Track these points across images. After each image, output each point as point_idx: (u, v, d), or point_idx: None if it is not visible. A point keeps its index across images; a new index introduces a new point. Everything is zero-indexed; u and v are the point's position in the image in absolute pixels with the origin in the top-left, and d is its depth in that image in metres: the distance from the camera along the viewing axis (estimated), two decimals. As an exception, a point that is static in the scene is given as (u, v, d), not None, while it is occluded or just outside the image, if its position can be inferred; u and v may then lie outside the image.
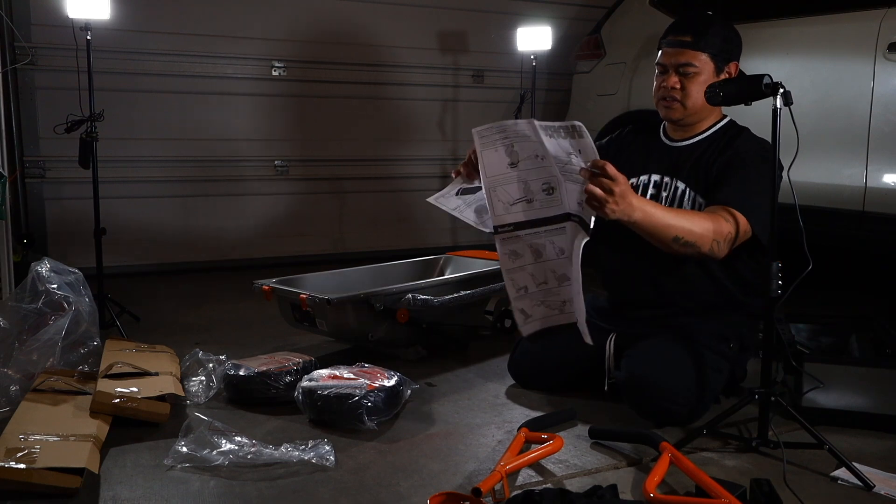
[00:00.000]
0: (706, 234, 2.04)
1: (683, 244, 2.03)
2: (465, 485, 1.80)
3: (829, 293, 3.87)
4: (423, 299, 2.67)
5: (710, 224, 2.05)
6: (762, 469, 1.91)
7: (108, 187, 3.68)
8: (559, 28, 4.97)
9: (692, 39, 2.25)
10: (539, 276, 2.05)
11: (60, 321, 2.46)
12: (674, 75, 2.28)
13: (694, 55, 2.25)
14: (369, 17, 4.81)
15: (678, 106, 2.29)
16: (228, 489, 1.79)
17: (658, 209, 2.01)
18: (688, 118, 2.32)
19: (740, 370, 2.37)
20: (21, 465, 1.72)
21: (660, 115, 2.38)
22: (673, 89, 2.28)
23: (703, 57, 2.25)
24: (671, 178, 2.33)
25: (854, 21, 3.16)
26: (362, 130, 4.90)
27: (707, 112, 2.32)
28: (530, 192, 2.00)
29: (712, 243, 2.06)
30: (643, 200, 1.98)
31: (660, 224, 1.99)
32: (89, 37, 3.11)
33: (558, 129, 1.87)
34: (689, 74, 2.26)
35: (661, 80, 2.32)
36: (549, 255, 2.02)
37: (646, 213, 1.95)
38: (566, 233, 1.99)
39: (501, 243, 2.07)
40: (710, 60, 2.25)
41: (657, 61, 2.33)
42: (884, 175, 3.03)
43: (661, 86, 2.31)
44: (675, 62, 2.27)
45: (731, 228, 2.08)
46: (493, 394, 2.48)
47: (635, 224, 1.96)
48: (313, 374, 2.27)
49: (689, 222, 2.03)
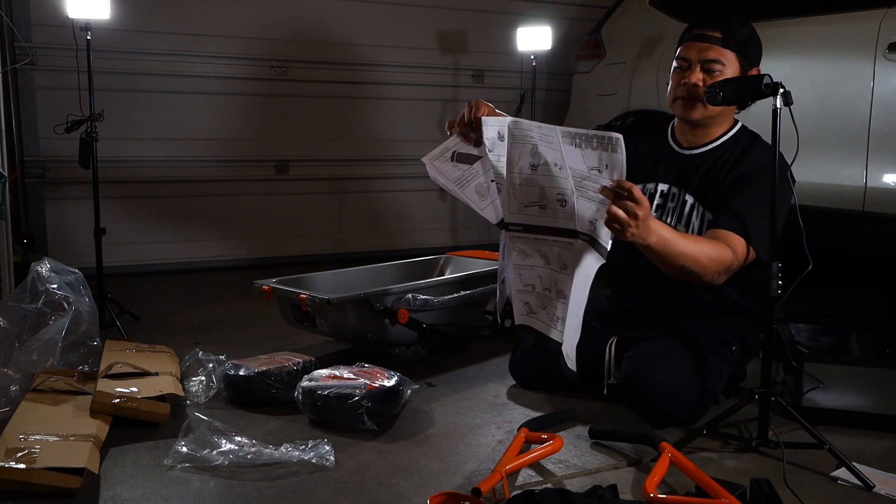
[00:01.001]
0: (710, 265, 1.99)
1: (687, 272, 1.98)
2: (465, 485, 1.80)
3: (829, 293, 3.87)
4: (423, 299, 2.67)
5: (715, 254, 2.00)
6: (762, 469, 1.91)
7: (108, 187, 3.67)
8: (559, 28, 4.96)
9: (722, 35, 2.12)
10: (546, 280, 1.99)
11: (60, 321, 2.46)
12: (699, 71, 2.14)
13: (722, 52, 2.11)
14: (369, 17, 4.81)
15: (699, 105, 2.16)
16: (228, 489, 1.79)
17: (672, 235, 1.93)
18: (706, 120, 2.21)
19: (740, 371, 2.37)
20: (21, 465, 1.72)
21: (676, 115, 2.26)
22: (696, 86, 2.14)
23: (730, 55, 2.12)
24: (679, 189, 2.25)
25: (854, 21, 3.15)
26: (362, 130, 4.90)
27: (724, 116, 2.22)
28: (545, 198, 1.93)
29: (714, 274, 2.02)
30: (660, 225, 1.91)
31: (672, 251, 1.92)
32: (89, 37, 3.11)
33: (591, 139, 1.75)
34: (714, 72, 2.12)
35: (682, 77, 2.17)
36: (555, 266, 1.96)
37: (661, 239, 1.88)
38: (573, 249, 1.91)
39: (510, 240, 2.04)
40: (737, 60, 2.13)
41: (679, 55, 2.19)
42: (884, 175, 3.03)
43: (682, 82, 2.17)
44: (702, 57, 2.13)
45: (733, 259, 2.03)
46: (493, 394, 2.48)
47: (649, 248, 1.89)
48: (313, 374, 2.27)
49: (698, 251, 1.97)
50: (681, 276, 2.01)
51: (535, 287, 2.03)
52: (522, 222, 2.00)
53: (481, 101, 2.06)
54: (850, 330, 2.60)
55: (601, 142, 1.73)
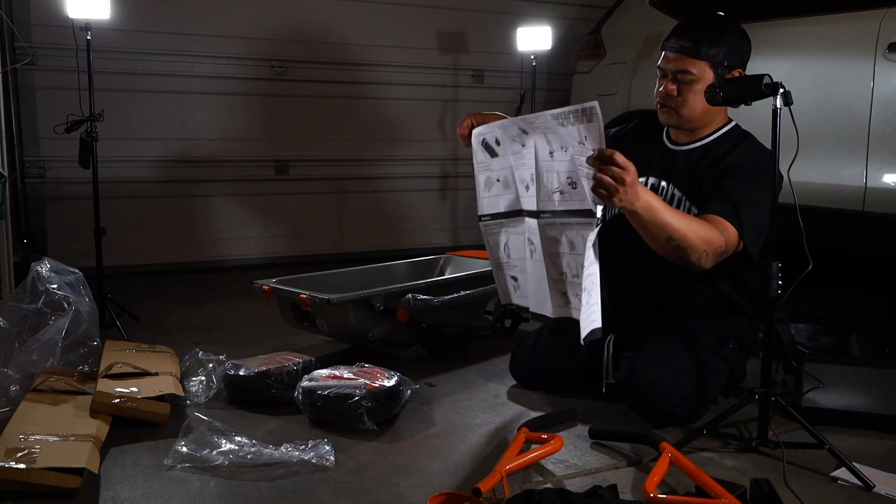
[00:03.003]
0: (698, 242, 2.02)
1: (675, 246, 2.01)
2: (465, 485, 1.80)
3: (829, 293, 3.87)
4: (423, 299, 2.67)
5: (704, 233, 2.04)
6: (762, 469, 1.91)
7: (108, 187, 3.67)
8: (559, 28, 4.97)
9: (692, 46, 2.18)
10: (574, 266, 2.04)
11: (60, 321, 2.46)
12: (671, 82, 2.24)
13: (692, 62, 2.19)
14: (369, 17, 4.81)
15: (673, 113, 2.27)
16: (228, 489, 1.79)
17: (660, 203, 1.99)
18: (686, 124, 2.29)
19: (739, 371, 2.37)
20: (21, 465, 1.72)
21: (660, 121, 2.35)
22: (668, 96, 2.25)
23: (701, 65, 2.18)
24: (668, 183, 2.32)
25: (854, 21, 3.16)
26: (362, 130, 4.90)
27: (710, 118, 2.28)
28: (562, 183, 2.01)
29: (702, 253, 2.04)
30: (648, 192, 1.97)
31: (659, 220, 1.97)
32: (89, 37, 3.11)
33: (567, 115, 1.85)
34: (686, 82, 2.21)
35: (660, 85, 2.28)
36: (579, 249, 2.01)
37: (648, 205, 1.94)
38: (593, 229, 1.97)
39: (542, 228, 2.12)
40: (710, 69, 2.18)
41: (658, 64, 2.29)
42: (884, 175, 3.03)
43: (659, 91, 2.28)
44: (674, 68, 2.22)
45: (721, 242, 2.06)
46: (493, 394, 2.48)
47: (636, 214, 1.94)
48: (313, 374, 2.27)
49: (686, 226, 2.02)
50: (670, 253, 2.04)
51: (567, 275, 2.08)
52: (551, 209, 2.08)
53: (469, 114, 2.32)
54: (850, 330, 2.60)
55: (577, 115, 1.86)
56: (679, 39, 2.23)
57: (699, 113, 2.24)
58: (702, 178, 2.25)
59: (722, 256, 2.10)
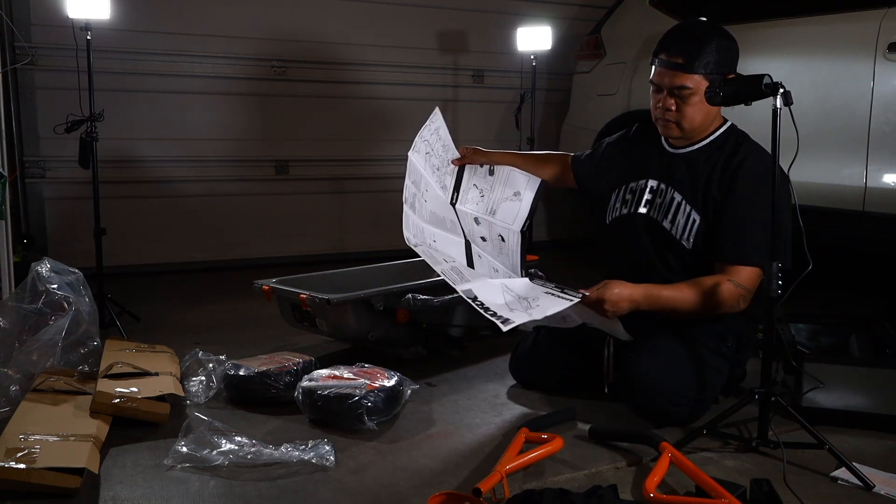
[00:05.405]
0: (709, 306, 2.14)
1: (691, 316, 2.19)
2: (465, 485, 1.80)
3: (829, 293, 3.87)
4: (423, 299, 2.66)
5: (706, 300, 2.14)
6: (762, 469, 1.91)
7: (108, 187, 3.67)
8: (559, 28, 4.97)
9: (684, 61, 2.18)
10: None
11: (60, 321, 2.46)
12: (669, 97, 2.24)
13: (687, 77, 2.18)
14: (369, 18, 4.80)
15: (674, 126, 2.27)
16: (228, 489, 1.79)
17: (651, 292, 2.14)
18: (687, 135, 2.29)
19: (739, 369, 2.37)
20: (21, 465, 1.72)
21: (659, 131, 2.34)
22: (668, 111, 2.25)
23: (696, 77, 2.18)
24: (667, 185, 2.32)
25: (854, 21, 3.16)
26: (362, 130, 4.89)
27: (708, 122, 2.28)
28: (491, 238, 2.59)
29: (727, 308, 2.16)
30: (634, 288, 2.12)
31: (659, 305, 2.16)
32: (89, 37, 3.11)
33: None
34: (683, 97, 2.21)
35: (657, 100, 2.27)
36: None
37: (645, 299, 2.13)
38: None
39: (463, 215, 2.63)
40: (705, 79, 2.18)
41: (651, 79, 2.27)
42: (884, 175, 3.03)
43: (657, 105, 2.27)
44: (670, 84, 2.22)
45: (735, 290, 2.14)
46: (493, 394, 2.48)
47: (641, 306, 2.13)
48: (313, 374, 2.27)
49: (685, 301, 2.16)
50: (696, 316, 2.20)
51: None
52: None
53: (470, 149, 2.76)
54: (850, 330, 2.60)
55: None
56: (670, 55, 2.21)
57: (699, 122, 2.25)
58: (706, 185, 2.24)
59: (749, 295, 2.17)
